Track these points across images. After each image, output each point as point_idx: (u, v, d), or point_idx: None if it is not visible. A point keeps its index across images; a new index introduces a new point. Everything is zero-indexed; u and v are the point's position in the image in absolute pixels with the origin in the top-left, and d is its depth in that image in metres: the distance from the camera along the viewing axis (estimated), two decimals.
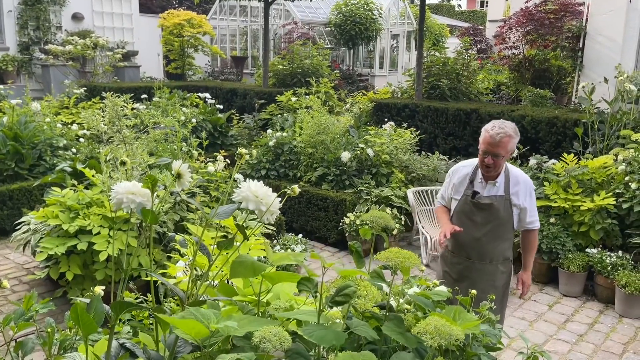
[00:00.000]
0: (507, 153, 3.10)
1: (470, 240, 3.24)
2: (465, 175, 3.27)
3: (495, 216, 3.18)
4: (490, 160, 3.08)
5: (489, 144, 3.06)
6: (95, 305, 1.50)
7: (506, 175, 3.20)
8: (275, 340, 1.15)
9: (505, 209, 3.18)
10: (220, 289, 1.97)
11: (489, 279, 3.26)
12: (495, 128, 3.07)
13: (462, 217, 3.25)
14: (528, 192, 3.22)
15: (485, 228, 3.20)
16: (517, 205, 3.19)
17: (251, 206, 1.58)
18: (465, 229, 3.20)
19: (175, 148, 5.44)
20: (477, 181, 3.23)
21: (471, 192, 3.21)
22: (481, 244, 3.22)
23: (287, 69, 11.57)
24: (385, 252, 1.58)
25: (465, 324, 1.49)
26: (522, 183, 3.20)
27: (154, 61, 15.42)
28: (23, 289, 4.97)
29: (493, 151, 3.05)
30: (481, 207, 3.19)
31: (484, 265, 3.25)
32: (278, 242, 5.26)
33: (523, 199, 3.19)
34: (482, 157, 3.12)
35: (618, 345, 4.31)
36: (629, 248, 5.17)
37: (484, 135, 3.11)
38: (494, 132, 3.05)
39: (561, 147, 6.82)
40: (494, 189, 3.19)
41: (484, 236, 3.21)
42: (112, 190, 1.71)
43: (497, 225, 3.19)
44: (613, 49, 8.80)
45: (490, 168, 3.12)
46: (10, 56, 12.44)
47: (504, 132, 3.04)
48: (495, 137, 3.03)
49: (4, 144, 6.56)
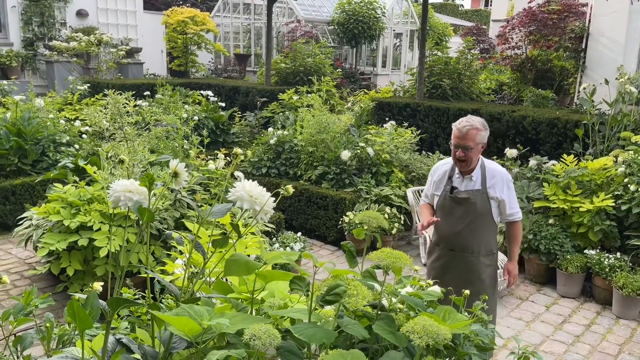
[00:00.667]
0: (476, 145, 3.23)
1: (451, 233, 3.41)
2: (445, 172, 3.45)
3: (472, 209, 3.32)
4: (461, 153, 3.24)
5: (457, 137, 3.24)
6: (91, 301, 1.53)
7: (482, 169, 3.35)
8: (265, 337, 1.18)
9: (483, 202, 3.32)
10: (216, 287, 2.00)
11: (474, 270, 3.39)
12: (462, 122, 3.26)
13: (443, 212, 3.43)
14: (505, 185, 3.35)
15: (465, 221, 3.35)
16: (495, 198, 3.33)
17: (245, 205, 1.60)
18: (446, 222, 3.39)
19: (176, 145, 5.47)
20: (455, 177, 3.39)
21: (449, 188, 3.38)
22: (461, 237, 3.38)
23: (290, 67, 11.59)
24: (377, 252, 1.61)
25: (455, 323, 1.51)
26: (497, 176, 3.34)
27: (158, 58, 15.46)
28: (25, 283, 5.01)
29: (462, 144, 3.22)
30: (459, 201, 3.35)
31: (465, 256, 3.39)
32: (277, 240, 5.29)
33: (500, 191, 3.33)
34: (454, 152, 3.30)
35: (614, 346, 4.33)
36: (627, 250, 5.18)
37: (453, 130, 3.29)
38: (460, 126, 3.24)
39: (561, 148, 6.84)
40: (471, 183, 3.34)
41: (463, 229, 3.35)
42: (109, 188, 1.74)
43: (475, 218, 3.33)
44: (615, 50, 8.80)
45: (463, 162, 3.28)
46: (15, 52, 12.49)
47: (470, 124, 3.22)
48: (462, 130, 3.22)
49: (7, 139, 6.61)
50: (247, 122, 9.80)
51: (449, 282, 3.36)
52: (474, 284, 3.35)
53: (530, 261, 5.48)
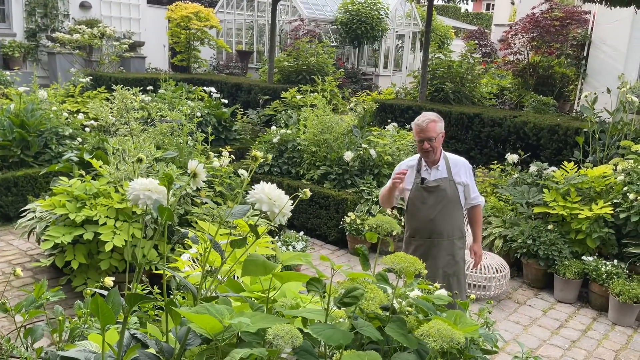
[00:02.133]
0: (438, 134, 3.59)
1: (426, 221, 3.70)
2: (412, 167, 3.76)
3: (443, 196, 3.65)
4: (427, 145, 3.57)
5: (420, 132, 3.60)
6: (112, 297, 1.57)
7: (446, 160, 3.72)
8: (287, 337, 1.22)
9: (451, 188, 3.67)
10: (228, 285, 2.04)
11: (449, 253, 3.71)
12: (420, 118, 3.64)
13: (416, 203, 3.72)
14: (467, 171, 3.75)
15: (437, 208, 3.66)
16: (461, 183, 3.70)
17: (264, 208, 1.65)
18: (420, 213, 3.71)
19: (181, 142, 5.50)
20: (422, 170, 3.71)
21: (420, 180, 3.69)
22: (436, 224, 3.68)
23: (293, 66, 11.62)
24: (391, 256, 1.66)
25: (465, 328, 1.56)
26: (460, 164, 3.74)
27: (160, 52, 15.47)
28: (27, 275, 5.04)
29: (426, 136, 3.57)
30: (430, 190, 3.67)
31: (442, 241, 3.69)
32: (279, 239, 5.33)
33: (465, 177, 3.72)
34: (420, 146, 3.63)
35: (610, 353, 4.39)
36: (625, 257, 5.24)
37: (415, 128, 3.65)
38: (420, 122, 3.61)
39: (562, 155, 6.90)
40: (438, 172, 3.68)
41: (437, 216, 3.67)
42: (128, 186, 1.77)
43: (447, 203, 3.66)
44: (617, 59, 8.88)
45: (430, 152, 3.61)
46: (17, 42, 12.48)
47: (428, 118, 3.60)
48: (422, 125, 3.59)
49: (10, 130, 6.62)
50: (249, 120, 9.84)
51: (429, 269, 3.68)
52: (452, 266, 3.72)
53: (528, 266, 5.54)
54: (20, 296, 4.55)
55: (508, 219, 5.84)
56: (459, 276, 3.75)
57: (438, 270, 3.68)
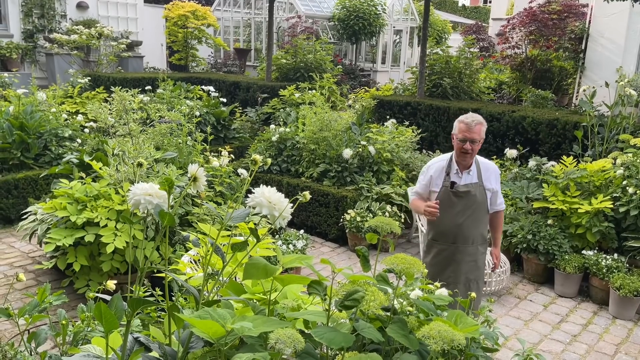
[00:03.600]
0: (481, 139, 3.48)
1: (452, 226, 3.58)
2: (442, 168, 3.61)
3: (473, 201, 3.54)
4: (468, 146, 3.44)
5: (466, 131, 3.44)
6: (115, 302, 1.58)
7: (477, 164, 3.60)
8: (290, 342, 1.23)
9: (481, 194, 3.55)
10: (230, 287, 2.05)
11: (472, 259, 3.62)
12: (469, 117, 3.49)
13: (443, 207, 3.54)
14: (496, 177, 3.66)
15: (466, 214, 3.54)
16: (490, 189, 3.60)
17: (265, 211, 1.66)
18: (447, 217, 3.55)
19: (180, 142, 5.51)
20: (452, 172, 3.58)
21: (449, 183, 3.55)
22: (463, 229, 3.56)
23: (291, 63, 11.61)
24: (391, 257, 1.67)
25: (466, 328, 1.57)
26: (491, 169, 3.64)
27: (158, 52, 15.45)
28: (29, 277, 5.05)
29: (470, 137, 3.43)
30: (460, 195, 3.53)
31: (466, 247, 3.59)
32: (280, 237, 5.34)
33: (495, 183, 3.62)
34: (460, 145, 3.47)
35: (610, 346, 4.41)
36: (625, 251, 5.26)
37: (459, 125, 3.49)
38: (468, 121, 3.45)
39: (560, 149, 6.91)
40: (469, 177, 3.56)
41: (465, 221, 3.54)
42: (129, 189, 1.78)
43: (476, 209, 3.55)
44: (615, 52, 8.86)
45: (468, 154, 3.48)
46: (15, 44, 12.45)
47: (477, 120, 3.46)
48: (470, 124, 3.44)
49: (10, 133, 6.63)
50: (248, 118, 9.84)
51: (452, 273, 3.64)
52: (474, 272, 3.65)
53: (528, 261, 5.56)
54: (23, 299, 4.57)
55: (508, 214, 5.85)
56: (478, 281, 3.69)
57: (461, 276, 3.60)
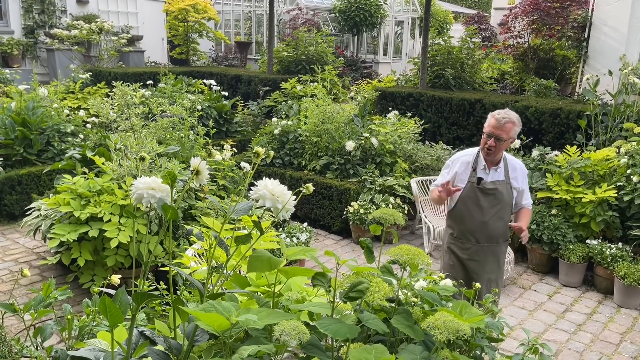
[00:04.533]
0: (509, 138, 3.34)
1: (477, 224, 3.47)
2: (468, 163, 3.49)
3: (499, 199, 3.43)
4: (492, 143, 3.33)
5: (494, 127, 3.33)
6: (120, 296, 1.58)
7: (505, 162, 3.49)
8: (295, 334, 1.23)
9: (507, 192, 3.46)
10: (234, 280, 2.05)
11: (494, 259, 3.54)
12: (501, 113, 3.37)
13: (469, 203, 3.46)
14: (524, 176, 3.55)
15: (492, 211, 3.44)
16: (517, 188, 3.49)
17: (268, 204, 1.65)
18: (472, 214, 3.46)
19: (182, 136, 5.50)
20: (479, 168, 3.46)
21: (476, 179, 3.43)
22: (487, 227, 3.45)
23: (292, 56, 11.57)
24: (395, 248, 1.66)
25: (471, 318, 1.57)
26: (519, 169, 3.52)
27: (158, 46, 15.41)
28: (34, 273, 5.07)
29: (497, 134, 3.31)
30: (487, 192, 3.42)
31: (490, 246, 3.50)
32: (283, 230, 5.35)
33: (521, 182, 3.51)
34: (485, 140, 3.37)
35: (615, 335, 4.41)
36: (629, 240, 5.25)
37: (490, 119, 3.37)
38: (499, 116, 3.34)
39: (564, 139, 6.88)
40: (496, 174, 3.44)
41: (491, 219, 3.44)
42: (132, 184, 1.78)
43: (501, 208, 3.45)
44: (618, 40, 8.80)
45: (491, 151, 3.36)
46: (15, 40, 12.44)
47: (509, 117, 3.34)
48: (500, 121, 3.32)
49: (12, 129, 6.63)
50: (250, 112, 9.82)
51: (474, 275, 3.49)
52: (495, 271, 3.56)
53: (533, 251, 5.55)
54: (28, 294, 4.58)
55: None
56: (498, 281, 3.59)
57: (483, 276, 3.50)
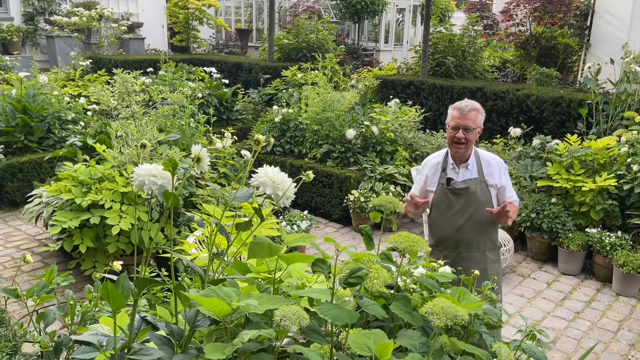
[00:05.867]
0: (477, 127, 3.14)
1: (452, 229, 3.21)
2: (437, 164, 3.28)
3: (473, 199, 3.16)
4: (461, 135, 3.10)
5: (458, 118, 3.11)
6: (122, 282, 1.60)
7: (477, 158, 3.22)
8: (295, 318, 1.25)
9: (483, 191, 3.18)
10: (235, 266, 2.07)
11: (479, 267, 3.14)
12: (462, 103, 3.17)
13: (441, 208, 3.22)
14: (502, 171, 3.24)
15: (466, 214, 3.17)
16: (494, 186, 3.20)
17: (268, 191, 1.66)
18: (445, 219, 3.21)
19: (183, 124, 5.50)
20: (449, 169, 3.23)
21: (445, 180, 3.20)
22: (465, 231, 3.18)
23: (293, 44, 11.52)
24: (394, 235, 1.68)
25: (469, 304, 1.58)
26: (494, 164, 3.23)
27: (159, 33, 15.33)
28: (36, 260, 5.10)
29: (463, 124, 3.10)
30: (458, 192, 3.18)
31: (471, 253, 3.21)
32: (284, 218, 5.36)
33: (498, 178, 3.21)
34: (452, 134, 3.15)
35: (613, 323, 4.44)
36: (629, 229, 5.27)
37: (453, 112, 3.16)
38: (462, 105, 3.13)
39: (565, 127, 6.87)
40: (467, 172, 3.20)
41: (466, 222, 3.17)
42: (133, 171, 1.79)
43: (477, 208, 3.16)
44: (620, 28, 8.76)
45: (462, 144, 3.13)
46: (15, 27, 12.38)
47: (472, 105, 3.13)
48: (464, 110, 3.11)
49: (13, 116, 6.63)
50: (251, 99, 9.81)
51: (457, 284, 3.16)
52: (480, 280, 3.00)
53: (532, 239, 5.57)
54: (30, 281, 4.62)
55: None
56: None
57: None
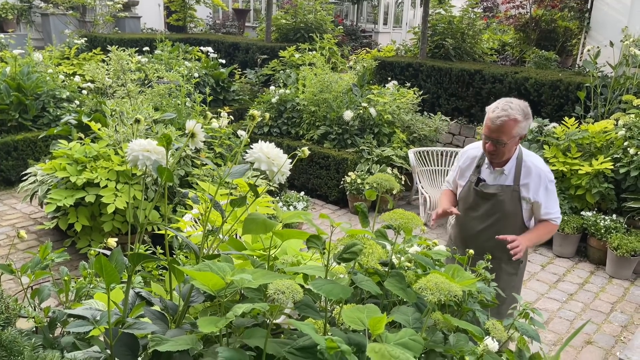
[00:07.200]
0: (512, 139, 2.64)
1: (469, 232, 2.93)
2: (473, 158, 2.91)
3: (499, 208, 2.80)
4: (491, 147, 2.69)
5: (488, 129, 2.66)
6: (116, 256, 1.60)
7: (518, 162, 2.77)
8: (288, 292, 1.24)
9: (513, 201, 2.77)
10: (230, 243, 2.07)
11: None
12: (497, 110, 2.64)
13: (465, 205, 2.93)
14: (542, 186, 2.75)
15: (489, 220, 2.83)
16: (527, 199, 2.76)
17: (263, 167, 1.65)
18: (467, 218, 2.92)
19: (179, 103, 5.46)
20: (484, 167, 2.85)
21: (476, 179, 2.86)
22: (479, 238, 2.87)
23: (290, 24, 11.41)
24: (389, 213, 1.67)
25: (463, 281, 1.59)
26: (534, 174, 2.74)
27: (155, 12, 15.15)
28: (31, 238, 5.10)
29: (493, 137, 2.65)
30: (485, 196, 2.81)
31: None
32: (281, 199, 5.36)
33: (534, 192, 2.74)
34: (483, 142, 2.76)
35: (606, 305, 4.48)
36: (624, 212, 5.29)
37: (485, 119, 2.71)
38: (494, 115, 2.63)
39: (563, 111, 6.85)
40: (502, 177, 2.79)
41: (486, 228, 2.84)
42: (127, 147, 1.77)
43: (501, 219, 2.81)
44: (621, 11, 8.69)
45: (493, 155, 2.73)
46: (10, 4, 12.21)
47: (507, 114, 2.60)
48: (495, 121, 2.62)
49: (7, 94, 6.57)
50: (248, 80, 9.73)
51: None
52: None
53: None
54: (25, 258, 4.62)
55: None
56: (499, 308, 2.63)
57: None
